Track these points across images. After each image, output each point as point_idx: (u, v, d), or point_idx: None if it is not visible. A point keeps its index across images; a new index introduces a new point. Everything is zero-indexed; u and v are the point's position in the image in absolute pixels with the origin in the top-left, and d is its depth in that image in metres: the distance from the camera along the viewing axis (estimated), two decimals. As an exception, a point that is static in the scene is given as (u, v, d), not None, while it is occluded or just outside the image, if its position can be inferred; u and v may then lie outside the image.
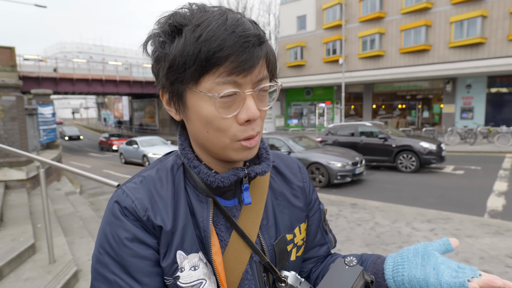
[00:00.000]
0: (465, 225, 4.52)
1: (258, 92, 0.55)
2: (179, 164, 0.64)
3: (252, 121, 0.55)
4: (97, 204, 6.98)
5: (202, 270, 0.57)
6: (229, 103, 0.53)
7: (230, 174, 0.59)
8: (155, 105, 35.49)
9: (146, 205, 0.57)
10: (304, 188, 0.75)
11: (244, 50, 0.51)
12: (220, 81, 0.51)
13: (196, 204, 0.60)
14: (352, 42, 23.57)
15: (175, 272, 0.56)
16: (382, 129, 10.41)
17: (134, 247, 0.55)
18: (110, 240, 0.55)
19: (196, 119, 0.56)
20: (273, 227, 0.66)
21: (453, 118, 20.12)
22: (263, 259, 0.61)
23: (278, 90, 0.61)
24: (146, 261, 0.55)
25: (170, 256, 0.56)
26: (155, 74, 0.59)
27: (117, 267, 0.54)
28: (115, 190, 0.62)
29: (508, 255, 3.54)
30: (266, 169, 0.62)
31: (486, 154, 12.10)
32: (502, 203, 5.96)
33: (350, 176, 7.90)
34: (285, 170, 0.74)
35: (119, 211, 0.57)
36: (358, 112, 25.01)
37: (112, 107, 51.07)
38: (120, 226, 0.56)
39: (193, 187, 0.62)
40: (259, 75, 0.54)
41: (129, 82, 29.28)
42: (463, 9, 19.14)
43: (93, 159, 19.27)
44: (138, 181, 0.61)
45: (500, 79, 18.84)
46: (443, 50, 19.98)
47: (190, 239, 0.57)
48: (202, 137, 0.58)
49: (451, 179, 8.27)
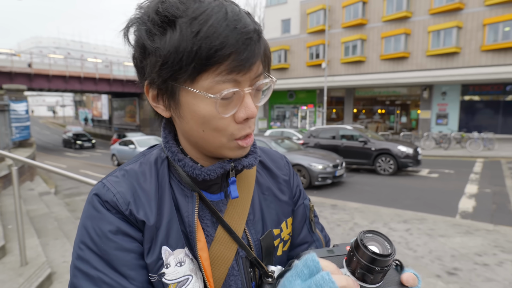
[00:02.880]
0: (439, 225, 4.70)
1: (254, 90, 0.53)
2: (163, 158, 0.61)
3: (250, 119, 0.54)
4: (74, 204, 6.76)
5: (188, 266, 0.55)
6: (228, 102, 0.51)
7: (217, 167, 0.57)
8: (136, 105, 34.74)
9: (128, 199, 0.55)
10: (289, 181, 0.73)
11: (246, 47, 0.48)
12: (220, 79, 0.49)
13: (181, 199, 0.58)
14: (335, 47, 24.02)
15: (160, 269, 0.53)
16: (362, 132, 10.66)
17: (118, 240, 0.52)
18: (92, 235, 0.52)
19: (191, 117, 0.53)
20: (260, 222, 0.64)
21: (429, 124, 20.87)
22: (250, 254, 0.60)
23: (273, 86, 0.58)
24: (132, 254, 0.52)
25: (155, 252, 0.54)
26: (138, 67, 0.55)
27: (101, 262, 0.51)
28: (97, 184, 0.59)
29: (476, 253, 3.71)
30: (253, 162, 0.61)
31: (459, 159, 12.62)
32: (473, 204, 6.24)
33: (330, 178, 8.04)
34: (271, 164, 0.73)
35: (100, 204, 0.54)
36: (339, 116, 25.49)
37: (91, 105, 49.60)
38: (102, 219, 0.53)
39: (178, 181, 0.60)
40: (257, 72, 0.52)
41: (109, 80, 28.54)
42: (440, 19, 19.94)
43: (70, 159, 18.65)
44: (120, 175, 0.58)
45: (472, 88, 19.74)
46: (421, 58, 20.72)
47: (176, 234, 0.55)
48: (196, 136, 0.55)
49: (426, 182, 8.57)
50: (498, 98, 19.25)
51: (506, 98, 19.06)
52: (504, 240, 4.09)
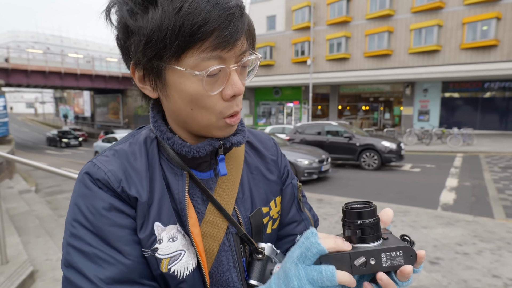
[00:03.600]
0: (421, 217, 4.84)
1: (240, 67, 0.54)
2: (153, 138, 0.62)
3: (237, 96, 0.54)
4: (55, 203, 6.59)
5: (181, 242, 0.56)
6: (214, 79, 0.51)
7: (206, 144, 0.58)
8: (120, 101, 33.99)
9: (119, 176, 0.55)
10: (277, 161, 0.75)
11: (229, 23, 0.48)
12: (205, 56, 0.49)
13: (171, 178, 0.59)
14: (320, 44, 24.22)
15: (153, 244, 0.54)
16: (347, 128, 10.82)
17: (112, 216, 0.52)
18: (85, 212, 0.52)
19: (178, 97, 0.53)
20: (249, 200, 0.66)
21: (411, 120, 21.39)
22: (240, 230, 0.61)
23: (258, 63, 0.59)
24: (126, 229, 0.53)
25: (147, 227, 0.54)
26: (123, 48, 0.54)
27: (95, 238, 0.51)
28: (86, 163, 0.59)
29: (457, 243, 3.85)
30: (241, 140, 0.62)
31: (440, 154, 13.01)
32: (453, 197, 6.46)
33: (316, 173, 8.13)
34: (258, 145, 0.75)
35: (92, 182, 0.54)
36: (324, 112, 25.77)
37: (72, 102, 48.23)
38: (95, 197, 0.53)
39: (167, 160, 0.60)
40: (242, 48, 0.53)
41: (91, 76, 27.79)
42: (421, 17, 20.40)
43: (50, 157, 18.12)
44: (110, 154, 0.58)
45: (453, 85, 20.34)
46: (403, 55, 21.17)
47: (167, 211, 0.56)
48: (184, 115, 0.56)
49: (409, 176, 8.80)
50: (477, 95, 19.93)
51: (484, 95, 19.74)
52: (482, 230, 4.25)
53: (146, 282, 0.53)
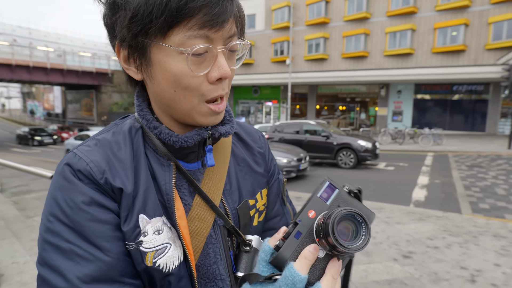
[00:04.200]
0: (395, 214, 5.01)
1: (228, 50, 0.53)
2: (137, 127, 0.59)
3: (223, 80, 0.53)
4: (23, 203, 6.25)
5: (167, 234, 0.54)
6: (200, 59, 0.50)
7: (194, 134, 0.57)
8: (93, 97, 32.79)
9: (103, 167, 0.52)
10: (265, 154, 0.75)
11: (218, 2, 0.48)
12: (192, 34, 0.48)
13: (158, 168, 0.57)
14: (299, 44, 24.49)
15: (137, 237, 0.52)
16: (325, 128, 11.00)
17: (92, 211, 0.50)
18: (63, 206, 0.49)
19: (162, 77, 0.51)
20: (236, 192, 0.65)
21: (385, 120, 22.11)
22: (228, 223, 0.60)
23: (247, 49, 0.58)
24: (106, 225, 0.50)
25: (132, 220, 0.52)
26: (109, 26, 0.53)
27: (72, 234, 0.48)
28: (66, 154, 0.55)
29: (428, 238, 4.01)
30: (230, 130, 0.61)
31: (412, 153, 13.53)
32: (424, 194, 6.73)
33: (295, 172, 8.21)
34: (246, 137, 0.74)
35: (72, 173, 0.51)
36: (303, 111, 26.11)
37: (41, 97, 46.01)
38: (75, 190, 0.50)
39: (153, 151, 0.58)
40: (230, 31, 0.52)
41: (62, 70, 26.65)
42: (396, 21, 21.11)
43: (17, 155, 17.20)
44: (92, 144, 0.56)
45: (424, 87, 21.22)
46: (379, 57, 21.83)
47: (153, 203, 0.54)
48: (168, 97, 0.54)
49: (384, 174, 9.09)
50: (446, 97, 20.90)
51: (453, 98, 20.74)
52: (451, 225, 4.46)
53: (127, 281, 0.51)
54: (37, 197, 6.51)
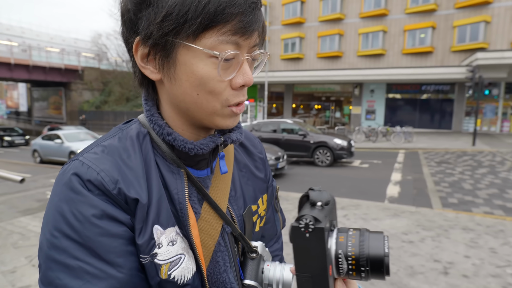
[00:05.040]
0: (371, 210, 5.17)
1: (251, 58, 0.53)
2: (145, 133, 0.57)
3: (245, 86, 0.53)
4: (-14, 207, 5.86)
5: (180, 245, 0.53)
6: (228, 65, 0.50)
7: (209, 141, 0.56)
8: (62, 95, 31.26)
9: (115, 177, 0.49)
10: (264, 159, 0.76)
11: (252, 11, 0.48)
12: (224, 39, 0.47)
13: (168, 176, 0.55)
14: (275, 44, 24.64)
15: (152, 249, 0.50)
16: (301, 126, 11.15)
17: (103, 225, 0.47)
18: (71, 220, 0.46)
19: (186, 79, 0.50)
20: (241, 198, 0.65)
21: (359, 119, 22.75)
22: (235, 230, 0.60)
23: (265, 60, 0.59)
24: (119, 239, 0.48)
25: (147, 231, 0.50)
26: (130, 21, 0.50)
27: (81, 250, 0.45)
28: (69, 163, 0.51)
29: (403, 232, 4.17)
30: (240, 137, 0.61)
31: (385, 150, 14.01)
32: (398, 190, 7.00)
33: (273, 170, 8.25)
34: (247, 142, 0.74)
35: (81, 184, 0.48)
36: (279, 110, 26.31)
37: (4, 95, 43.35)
38: (84, 202, 0.47)
39: (162, 157, 0.56)
40: (256, 40, 0.52)
41: (28, 66, 25.23)
42: (368, 23, 21.76)
43: (-22, 156, 16.10)
44: (99, 151, 0.52)
45: (395, 87, 22.03)
46: (353, 57, 22.42)
47: (166, 213, 0.52)
48: (189, 101, 0.52)
49: (359, 172, 9.35)
50: (416, 97, 21.82)
51: (422, 97, 21.69)
52: (424, 219, 4.66)
53: None
54: (1, 202, 6.13)
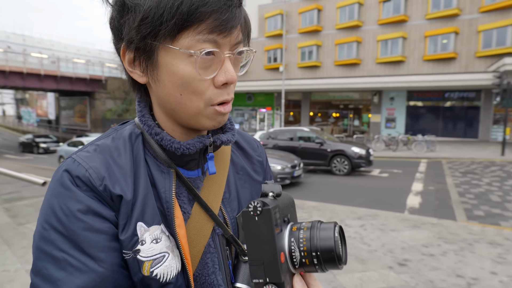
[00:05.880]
0: (390, 221, 5.00)
1: (234, 56, 0.54)
2: (138, 133, 0.59)
3: (229, 84, 0.53)
4: (14, 210, 6.12)
5: (165, 243, 0.53)
6: (208, 63, 0.51)
7: (196, 141, 0.56)
8: (87, 104, 32.51)
9: (102, 174, 0.51)
10: (263, 163, 0.75)
11: (227, 8, 0.49)
12: (201, 38, 0.49)
13: (157, 175, 0.56)
14: (292, 52, 24.70)
15: (135, 245, 0.51)
16: (318, 134, 11.04)
17: (88, 220, 0.49)
18: (58, 214, 0.49)
19: (169, 80, 0.51)
20: (236, 200, 0.65)
21: (379, 127, 22.28)
22: (227, 232, 0.59)
23: (252, 57, 0.59)
24: (102, 235, 0.49)
25: (130, 228, 0.51)
26: (116, 29, 0.53)
27: (67, 243, 0.48)
28: (64, 160, 0.55)
29: (423, 245, 4.01)
30: (231, 138, 0.61)
31: (406, 159, 13.62)
32: (419, 201, 6.75)
33: (289, 179, 8.19)
34: (245, 145, 0.74)
35: (70, 180, 0.50)
36: (296, 118, 26.20)
37: (35, 104, 45.55)
38: (71, 197, 0.49)
39: (153, 157, 0.57)
40: (237, 37, 0.52)
41: (56, 77, 26.45)
42: (387, 29, 21.44)
43: (10, 162, 16.93)
44: (92, 150, 0.55)
45: (416, 94, 21.48)
46: (371, 65, 22.09)
47: (151, 210, 0.53)
48: (173, 101, 0.53)
49: (378, 181, 9.11)
50: (438, 104, 21.16)
51: (445, 104, 21.01)
52: (446, 232, 4.47)
53: None
54: (29, 204, 6.39)
